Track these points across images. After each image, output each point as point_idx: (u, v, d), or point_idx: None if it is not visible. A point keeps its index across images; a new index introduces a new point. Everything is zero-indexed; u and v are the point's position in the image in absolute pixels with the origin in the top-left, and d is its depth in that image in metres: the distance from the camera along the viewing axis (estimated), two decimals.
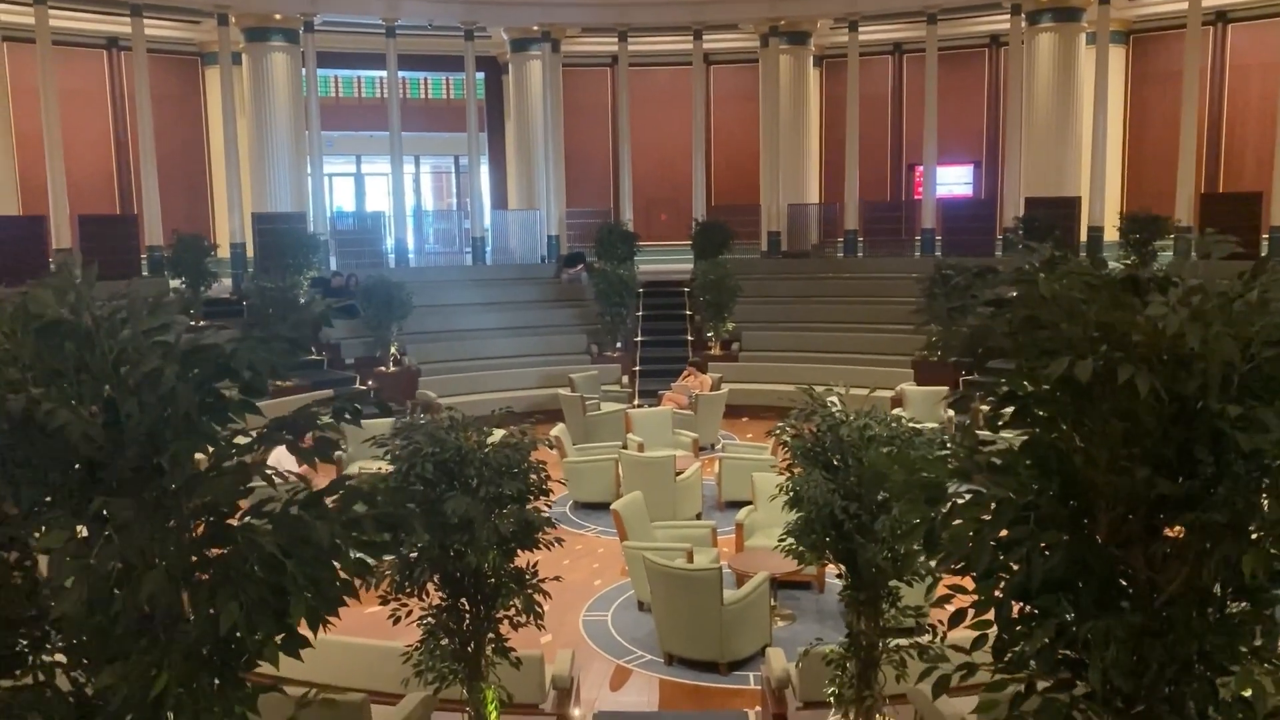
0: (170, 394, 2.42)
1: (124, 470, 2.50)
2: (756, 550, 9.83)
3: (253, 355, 2.58)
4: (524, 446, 5.87)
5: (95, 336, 2.51)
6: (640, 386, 18.05)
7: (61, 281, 2.60)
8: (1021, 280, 2.83)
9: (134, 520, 2.33)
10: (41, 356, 2.46)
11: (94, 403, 2.47)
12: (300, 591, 2.46)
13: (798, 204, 23.23)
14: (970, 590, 2.88)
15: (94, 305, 2.59)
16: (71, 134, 20.04)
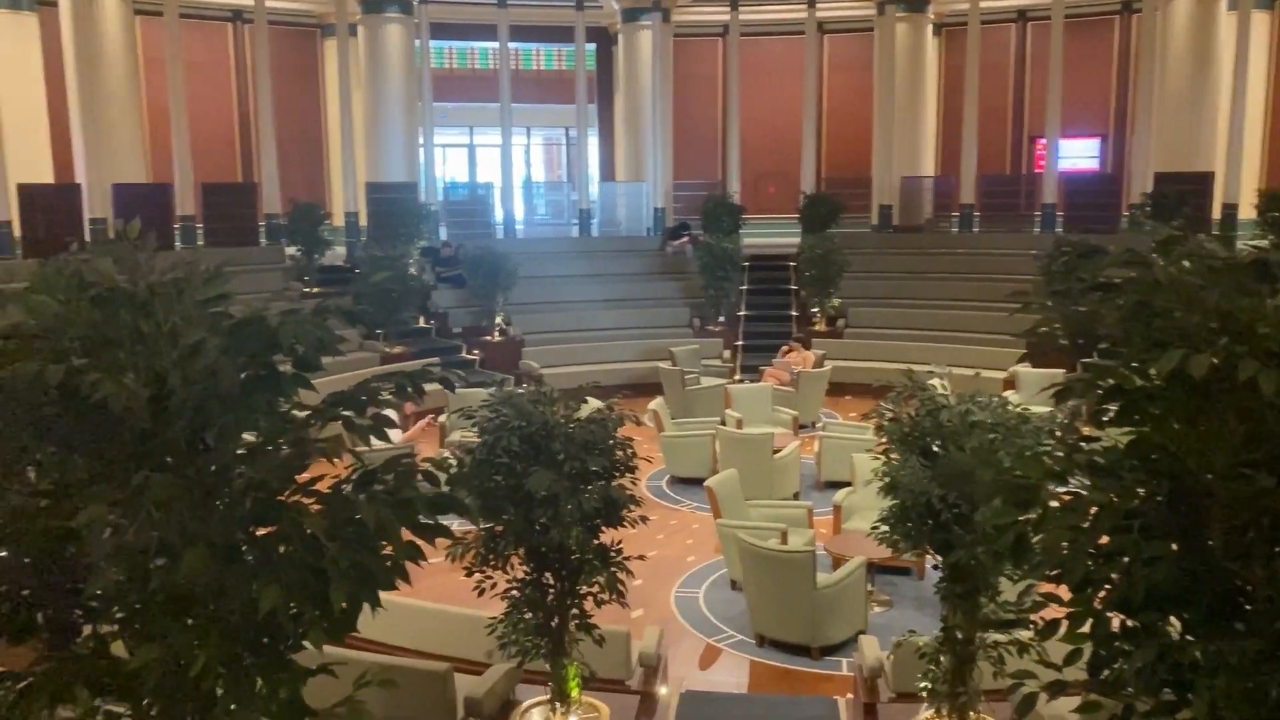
0: (213, 367, 2.38)
1: (172, 444, 2.48)
2: (854, 533, 9.57)
3: (298, 330, 2.51)
4: (610, 422, 5.78)
5: (151, 306, 2.49)
6: (742, 361, 17.82)
7: (123, 249, 2.58)
8: (1133, 262, 2.56)
9: (175, 496, 2.31)
10: (96, 325, 2.45)
11: (146, 374, 2.45)
12: (340, 576, 2.40)
13: (911, 177, 22.53)
14: (1065, 601, 2.65)
15: (153, 274, 2.57)
16: (197, 104, 20.72)
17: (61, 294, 2.45)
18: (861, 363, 16.85)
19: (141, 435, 2.48)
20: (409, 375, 2.82)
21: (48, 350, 2.35)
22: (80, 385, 2.27)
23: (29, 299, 2.44)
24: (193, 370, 2.37)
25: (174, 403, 2.40)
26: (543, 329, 18.28)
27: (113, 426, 2.42)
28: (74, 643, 2.64)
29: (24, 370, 2.25)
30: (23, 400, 2.32)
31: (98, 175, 18.52)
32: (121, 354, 2.44)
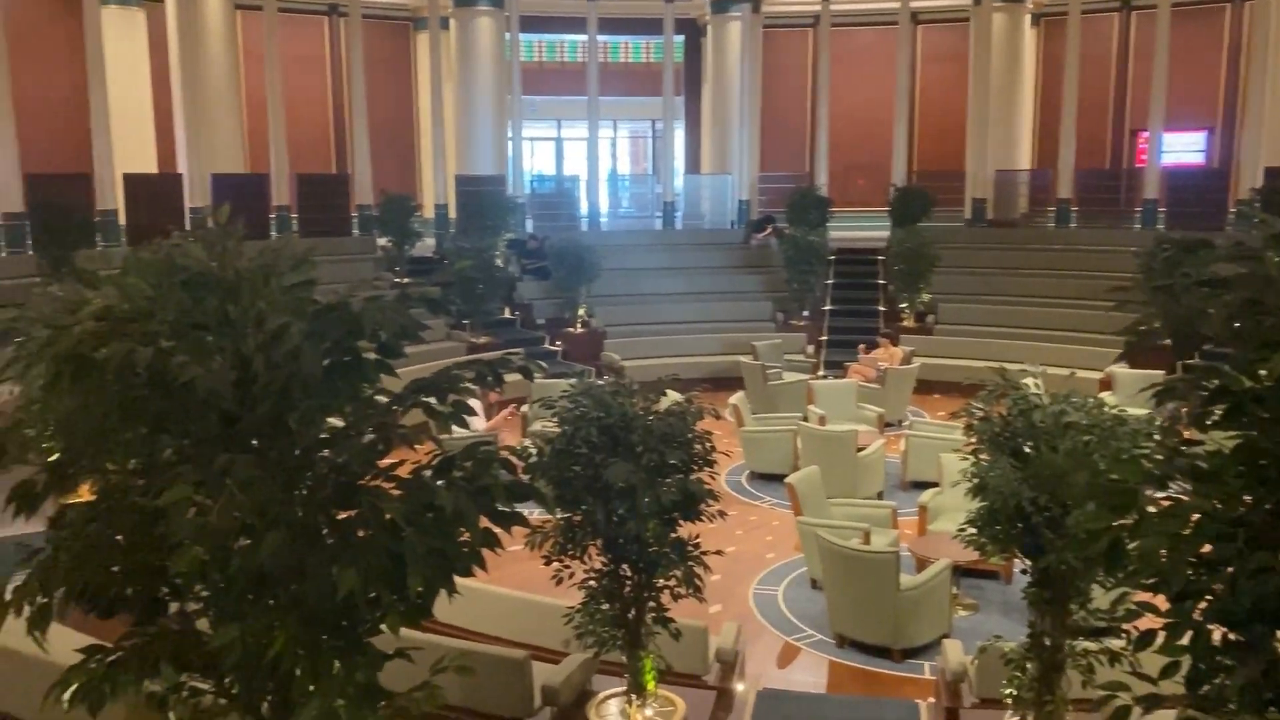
0: (296, 352, 2.40)
1: (256, 427, 2.52)
2: (940, 535, 9.37)
3: (380, 317, 2.53)
4: (690, 415, 5.74)
5: (239, 291, 2.53)
6: (826, 357, 17.59)
7: (213, 234, 2.63)
8: (1243, 256, 2.42)
9: (258, 478, 2.34)
10: (185, 309, 2.50)
11: (233, 357, 2.49)
12: (417, 561, 2.41)
13: (1006, 170, 21.98)
14: (1163, 612, 2.52)
15: (241, 259, 2.61)
16: (293, 97, 21.23)
17: (153, 278, 2.51)
18: (951, 360, 16.49)
19: (227, 418, 2.53)
20: (489, 364, 2.83)
21: (138, 333, 2.40)
22: (169, 367, 2.32)
23: (122, 282, 2.50)
24: (276, 354, 2.41)
25: (258, 386, 2.44)
26: (625, 321, 18.30)
27: (200, 408, 2.47)
28: (160, 619, 2.71)
29: (115, 351, 2.31)
30: (114, 381, 2.39)
31: (198, 165, 19.12)
32: (209, 337, 2.49)
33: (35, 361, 2.40)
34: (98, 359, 2.35)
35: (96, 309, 2.41)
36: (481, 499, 2.59)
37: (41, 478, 2.57)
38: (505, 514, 2.67)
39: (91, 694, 2.50)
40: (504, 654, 5.90)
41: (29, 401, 2.50)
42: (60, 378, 2.37)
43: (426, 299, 2.78)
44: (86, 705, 2.50)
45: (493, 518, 2.65)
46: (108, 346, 2.34)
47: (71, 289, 2.54)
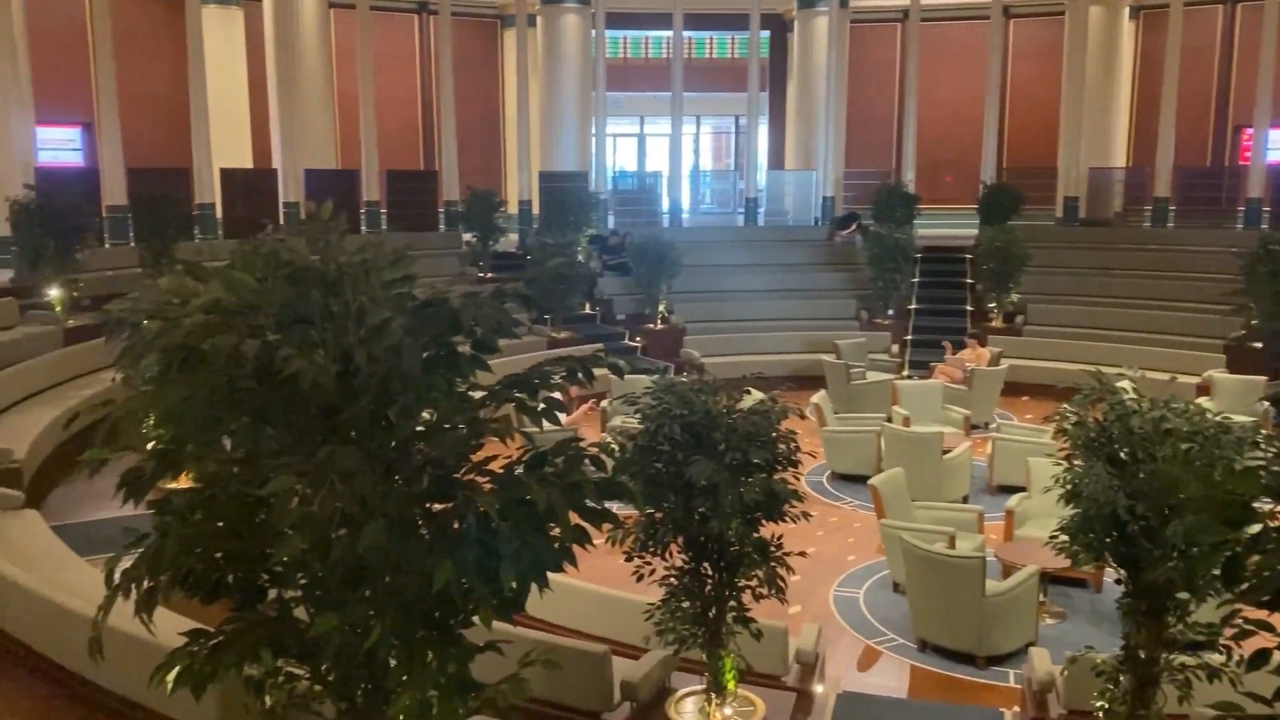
0: (397, 346, 2.44)
1: (357, 419, 2.56)
2: (1027, 541, 9.18)
3: (478, 312, 2.55)
4: (774, 414, 5.69)
5: (340, 285, 2.58)
6: (910, 357, 17.30)
7: (315, 230, 2.68)
8: None
9: (358, 470, 2.38)
10: (289, 303, 2.56)
11: (335, 351, 2.54)
12: (512, 556, 2.43)
13: (1100, 168, 21.36)
14: None
15: (342, 254, 2.66)
16: (383, 94, 21.62)
17: (258, 272, 2.58)
18: (1041, 362, 16.11)
19: (327, 409, 2.58)
20: (580, 360, 2.84)
21: (245, 325, 2.47)
22: (274, 360, 2.37)
23: (228, 275, 2.57)
24: (377, 348, 2.45)
25: (359, 379, 2.48)
26: (705, 318, 18.24)
27: (301, 400, 2.52)
28: (259, 606, 2.78)
29: (223, 344, 2.37)
30: (222, 372, 2.45)
31: (292, 160, 19.59)
32: (312, 331, 2.54)
33: (146, 352, 2.48)
34: (206, 350, 2.42)
35: (205, 302, 2.48)
36: (572, 495, 2.60)
37: (150, 464, 2.66)
38: (595, 511, 2.67)
39: (195, 677, 2.57)
40: (585, 648, 5.93)
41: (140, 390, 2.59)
42: (170, 368, 2.44)
43: (520, 296, 2.80)
44: (190, 687, 2.58)
45: (582, 514, 2.66)
46: (216, 338, 2.41)
47: (180, 282, 2.62)
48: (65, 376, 11.54)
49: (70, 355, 11.95)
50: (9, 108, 15.34)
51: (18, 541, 7.34)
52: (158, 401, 2.49)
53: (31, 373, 11.08)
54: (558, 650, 5.63)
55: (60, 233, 13.23)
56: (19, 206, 13.20)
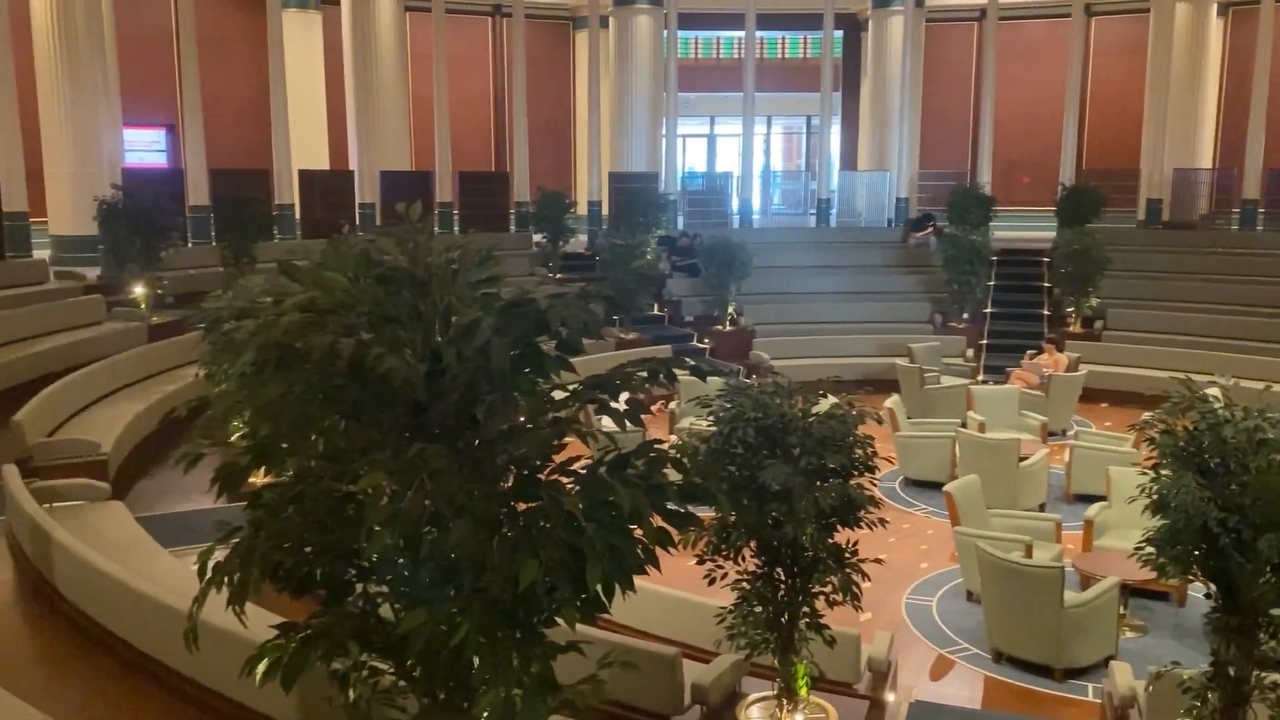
0: (486, 347, 2.45)
1: (444, 418, 2.58)
2: (1107, 551, 8.95)
3: (565, 313, 2.56)
4: (850, 419, 5.61)
5: (429, 286, 2.60)
6: (986, 361, 17.00)
7: (405, 231, 2.72)
8: None
9: (448, 468, 2.40)
10: (379, 302, 2.59)
11: (423, 350, 2.56)
12: (597, 557, 2.42)
13: (1185, 169, 20.77)
14: None
15: (430, 255, 2.69)
16: (456, 95, 21.90)
17: (350, 272, 2.62)
18: (1121, 368, 15.73)
19: (415, 407, 2.61)
20: (662, 361, 2.83)
21: (339, 324, 2.51)
22: (365, 358, 2.41)
23: (321, 275, 2.61)
24: (466, 348, 2.47)
25: (447, 379, 2.51)
26: (774, 320, 18.12)
27: (392, 398, 2.55)
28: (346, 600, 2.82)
29: (318, 342, 2.41)
30: (316, 369, 2.49)
31: (368, 162, 19.95)
32: (401, 330, 2.57)
33: (242, 349, 2.53)
34: (300, 348, 2.47)
35: (300, 300, 2.53)
36: (655, 497, 2.59)
37: (244, 459, 2.71)
38: (678, 514, 2.66)
39: (285, 669, 2.62)
40: (657, 650, 5.92)
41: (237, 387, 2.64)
42: (266, 365, 2.49)
43: (605, 296, 2.80)
44: (280, 679, 2.63)
45: (665, 516, 2.65)
46: (311, 336, 2.45)
47: (274, 281, 2.67)
48: (149, 372, 11.88)
49: (154, 351, 12.30)
50: (98, 110, 15.84)
51: (105, 532, 7.56)
52: (255, 398, 2.53)
53: (117, 368, 11.43)
54: (629, 651, 5.62)
55: (146, 232, 13.63)
56: (106, 206, 13.63)
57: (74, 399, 10.32)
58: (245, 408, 2.59)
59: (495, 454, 2.63)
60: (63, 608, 6.62)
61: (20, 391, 10.23)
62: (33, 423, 9.01)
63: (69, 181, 15.68)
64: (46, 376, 10.72)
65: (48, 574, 6.83)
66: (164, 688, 5.78)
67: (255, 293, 2.85)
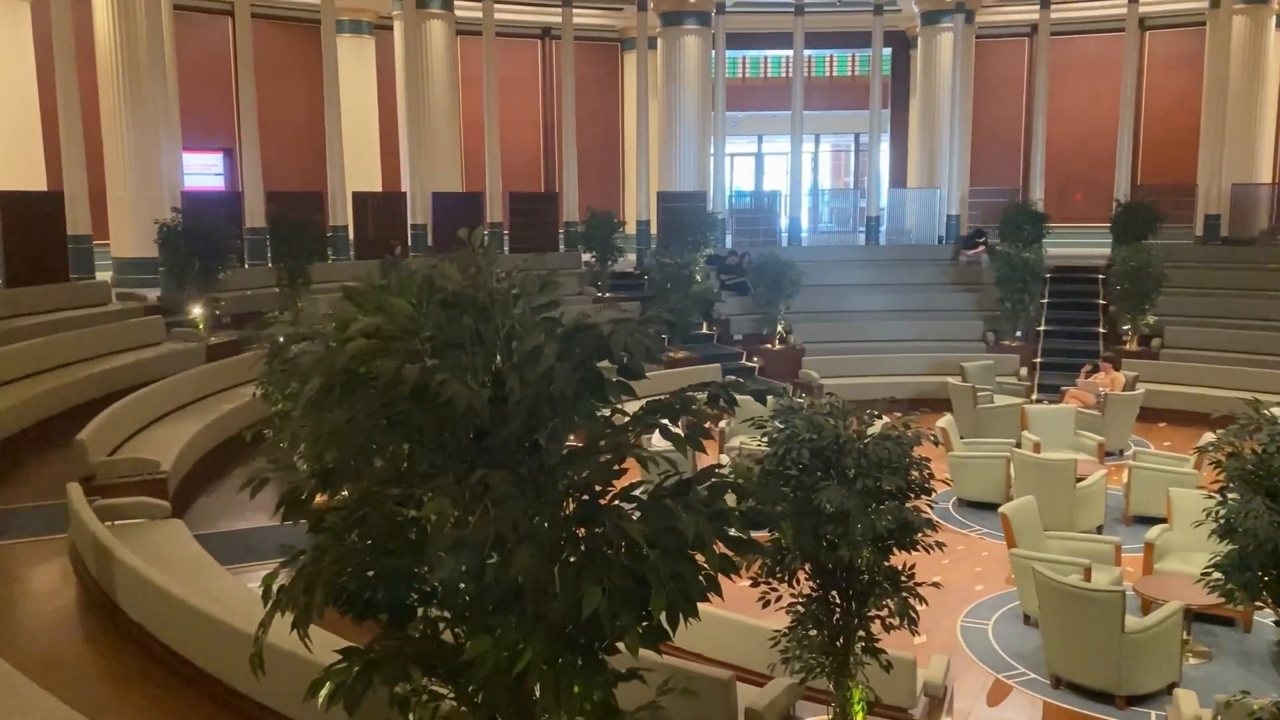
0: (549, 372, 2.46)
1: (506, 443, 2.59)
2: (1168, 575, 8.76)
3: (628, 339, 2.56)
4: (906, 440, 5.55)
5: (490, 311, 2.62)
6: (1040, 380, 16.75)
7: (466, 256, 2.74)
8: None
9: (510, 494, 2.40)
10: (442, 328, 2.61)
11: (485, 375, 2.58)
12: (661, 584, 2.41)
13: (1244, 184, 20.35)
14: None
15: (491, 280, 2.71)
16: (506, 117, 22.13)
17: (413, 297, 2.65)
18: (1180, 387, 15.42)
19: (478, 433, 2.63)
20: (723, 385, 2.82)
21: (404, 350, 2.53)
22: (431, 384, 2.43)
23: (385, 301, 2.64)
24: (530, 373, 2.48)
25: (510, 404, 2.52)
26: (824, 338, 18.02)
27: (455, 424, 2.57)
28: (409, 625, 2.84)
29: (384, 368, 2.44)
30: (380, 395, 2.52)
31: (420, 184, 20.19)
32: (464, 356, 2.59)
33: (310, 375, 2.57)
34: (368, 374, 2.50)
35: (365, 326, 2.56)
36: (717, 523, 2.57)
37: (310, 484, 2.74)
38: (741, 541, 2.64)
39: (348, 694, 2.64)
40: (711, 674, 5.88)
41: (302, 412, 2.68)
42: (332, 390, 2.52)
43: (667, 321, 2.80)
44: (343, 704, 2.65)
45: (727, 543, 2.63)
46: (377, 362, 2.48)
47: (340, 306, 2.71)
48: (207, 391, 12.10)
49: (212, 371, 12.52)
50: (159, 135, 16.21)
51: (165, 550, 7.69)
52: (322, 423, 2.56)
53: (176, 387, 11.65)
54: (682, 674, 5.59)
55: (204, 254, 13.91)
56: (166, 229, 13.93)
57: (135, 418, 10.54)
58: (310, 433, 2.62)
59: (557, 479, 2.63)
60: (125, 625, 6.73)
61: (83, 411, 10.47)
62: (95, 442, 9.20)
63: (130, 204, 16.05)
64: (109, 396, 10.96)
65: (110, 591, 6.96)
66: (225, 706, 5.85)
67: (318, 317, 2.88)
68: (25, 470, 9.92)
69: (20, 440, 10.26)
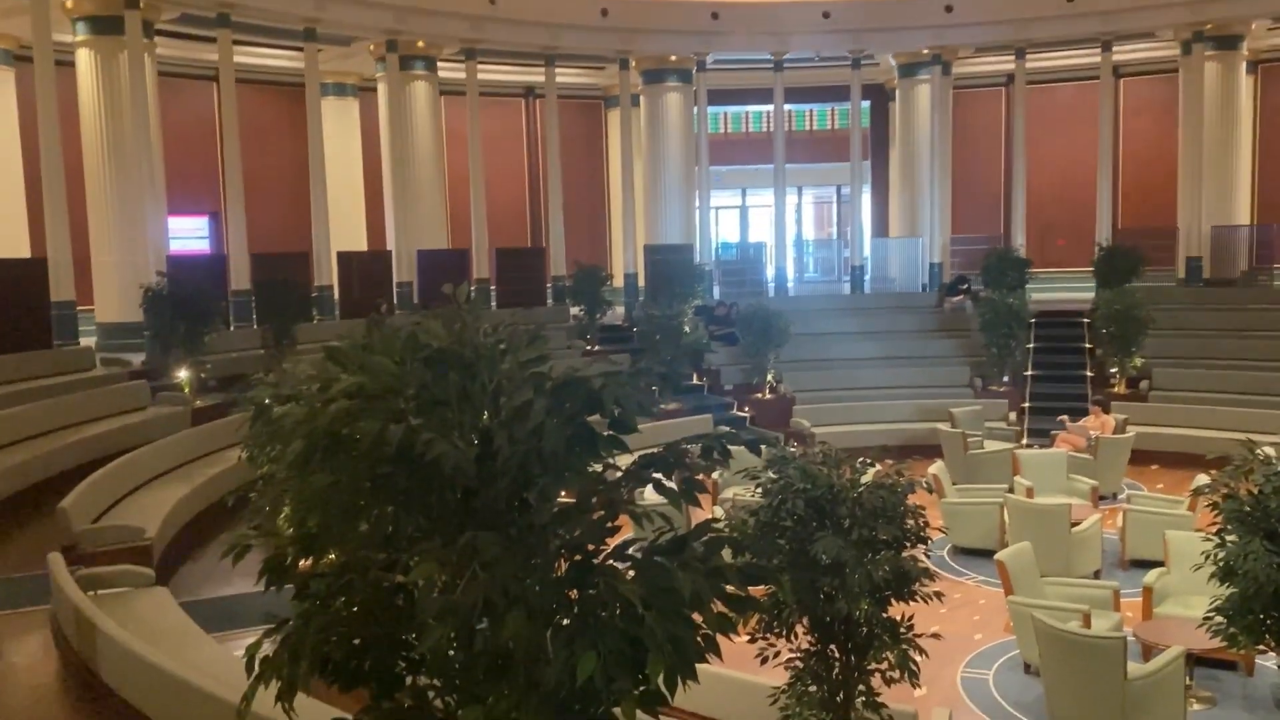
0: (539, 428, 2.40)
1: (495, 502, 2.52)
2: (1168, 619, 8.65)
3: (620, 392, 2.50)
4: (901, 488, 5.50)
5: (476, 367, 2.57)
6: (1029, 425, 16.72)
7: (451, 312, 2.69)
8: None
9: (500, 556, 2.33)
10: (427, 385, 2.55)
11: (473, 433, 2.52)
12: (658, 647, 2.33)
13: (1223, 226, 20.58)
14: None
15: (477, 336, 2.66)
16: (492, 174, 22.28)
17: (397, 355, 2.59)
18: (1170, 429, 15.40)
19: (465, 492, 2.55)
20: (717, 438, 2.76)
21: (386, 409, 2.47)
22: (415, 444, 2.36)
23: (367, 360, 2.59)
24: (519, 430, 2.42)
25: (499, 462, 2.45)
26: (814, 387, 18.00)
27: (442, 484, 2.50)
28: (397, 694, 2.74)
29: (366, 429, 2.38)
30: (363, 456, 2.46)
31: (405, 242, 20.23)
32: (449, 413, 2.53)
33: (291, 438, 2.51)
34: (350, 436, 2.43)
35: (348, 386, 2.50)
36: (714, 581, 2.50)
37: (292, 550, 2.67)
38: (739, 598, 2.56)
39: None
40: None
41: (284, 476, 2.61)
42: (314, 453, 2.46)
43: (659, 374, 2.76)
44: None
45: (725, 601, 2.55)
46: (361, 424, 2.41)
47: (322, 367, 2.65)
48: (193, 455, 11.96)
49: (198, 435, 12.39)
50: (144, 200, 16.26)
51: (149, 619, 7.53)
52: (304, 488, 2.50)
53: (162, 452, 11.51)
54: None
55: (189, 317, 13.83)
56: (151, 292, 13.88)
57: (118, 485, 10.39)
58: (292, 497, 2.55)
59: (549, 539, 2.56)
60: (107, 698, 6.56)
61: (67, 478, 10.32)
62: (77, 509, 9.05)
63: (115, 270, 16.03)
64: (93, 462, 10.82)
65: (92, 664, 6.79)
66: None
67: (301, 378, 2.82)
68: (6, 540, 9.75)
69: (2, 509, 10.10)
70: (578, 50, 21.62)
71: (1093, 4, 20.22)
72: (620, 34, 21.14)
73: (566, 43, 21.05)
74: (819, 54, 22.46)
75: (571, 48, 21.34)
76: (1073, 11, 20.41)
